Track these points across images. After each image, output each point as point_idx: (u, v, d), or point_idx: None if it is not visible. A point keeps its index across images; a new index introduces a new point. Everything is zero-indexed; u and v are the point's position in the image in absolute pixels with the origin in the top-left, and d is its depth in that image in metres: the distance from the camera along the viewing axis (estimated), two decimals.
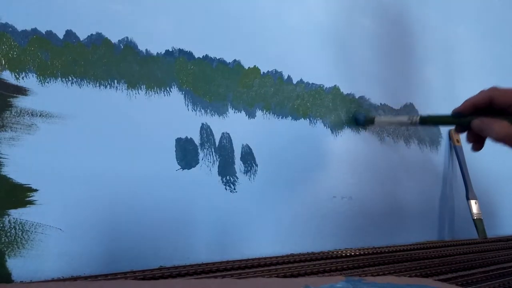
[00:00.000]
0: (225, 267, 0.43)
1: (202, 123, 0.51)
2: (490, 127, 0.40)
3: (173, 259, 0.46)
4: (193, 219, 0.49)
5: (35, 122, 0.40)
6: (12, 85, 0.40)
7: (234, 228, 0.52)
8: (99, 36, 0.45)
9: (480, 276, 0.48)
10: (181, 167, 0.49)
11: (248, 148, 0.54)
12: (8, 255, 0.38)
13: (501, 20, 1.01)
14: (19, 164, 0.39)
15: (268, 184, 0.55)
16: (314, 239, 0.58)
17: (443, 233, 0.77)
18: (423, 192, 0.75)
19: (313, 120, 0.62)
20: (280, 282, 0.37)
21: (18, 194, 0.39)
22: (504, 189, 0.90)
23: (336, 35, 0.67)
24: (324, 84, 0.64)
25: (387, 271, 0.46)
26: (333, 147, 0.63)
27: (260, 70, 0.57)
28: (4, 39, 0.40)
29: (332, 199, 0.61)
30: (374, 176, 0.67)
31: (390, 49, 0.75)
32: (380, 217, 0.67)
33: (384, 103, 0.71)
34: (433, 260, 0.53)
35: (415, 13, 0.81)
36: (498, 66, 0.96)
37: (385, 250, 0.56)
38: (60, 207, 0.41)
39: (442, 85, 0.83)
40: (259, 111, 0.56)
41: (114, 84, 0.46)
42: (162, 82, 0.49)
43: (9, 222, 0.38)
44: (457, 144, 0.81)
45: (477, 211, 0.76)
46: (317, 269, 0.45)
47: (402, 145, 0.73)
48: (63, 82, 0.43)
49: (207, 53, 0.53)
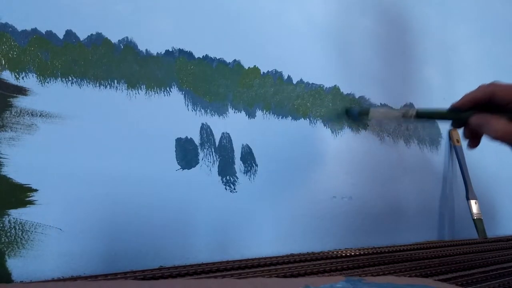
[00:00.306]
0: (225, 267, 0.43)
1: (202, 123, 0.51)
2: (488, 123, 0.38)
3: (173, 259, 0.46)
4: (193, 219, 0.49)
5: (35, 122, 0.40)
6: (12, 85, 0.40)
7: (234, 228, 0.52)
8: (99, 36, 0.45)
9: (480, 276, 0.48)
10: (181, 167, 0.49)
11: (248, 148, 0.54)
12: (8, 255, 0.38)
13: (500, 20, 1.01)
14: (19, 164, 0.39)
15: (268, 184, 0.55)
16: (314, 239, 0.58)
17: (443, 233, 0.77)
18: (423, 192, 0.75)
19: (313, 120, 0.62)
20: (280, 282, 0.37)
21: (18, 194, 0.39)
22: (504, 189, 0.90)
23: (336, 35, 0.67)
24: (324, 84, 0.64)
25: (387, 271, 0.46)
26: (333, 147, 0.63)
27: (260, 70, 0.57)
28: (4, 39, 0.40)
29: (332, 199, 0.61)
30: (374, 176, 0.67)
31: (390, 49, 0.75)
32: (380, 217, 0.67)
33: (384, 103, 0.71)
34: (433, 260, 0.53)
35: (415, 13, 0.81)
36: (498, 66, 0.96)
37: (385, 250, 0.56)
38: (60, 207, 0.41)
39: (442, 85, 0.83)
40: (259, 111, 0.56)
41: (114, 84, 0.46)
42: (162, 82, 0.49)
43: (9, 222, 0.38)
44: (457, 144, 0.81)
45: (477, 211, 0.76)
46: (317, 269, 0.45)
47: (402, 145, 0.73)
48: (63, 82, 0.43)
49: (207, 53, 0.53)
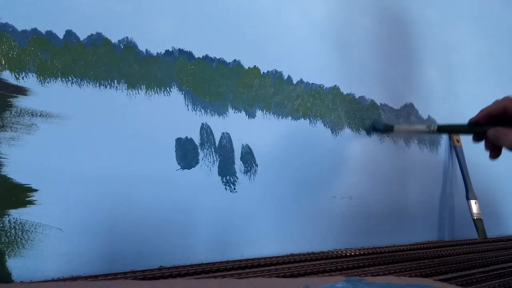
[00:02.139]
0: (225, 267, 0.43)
1: (202, 123, 0.51)
2: (504, 136, 0.41)
3: (173, 259, 0.46)
4: (193, 219, 0.49)
5: (35, 122, 0.40)
6: (12, 85, 0.40)
7: (234, 228, 0.52)
8: (99, 36, 0.45)
9: (480, 276, 0.48)
10: (181, 167, 0.49)
11: (248, 148, 0.54)
12: (8, 255, 0.38)
13: (501, 21, 1.01)
14: (19, 164, 0.39)
15: (268, 184, 0.55)
16: (314, 239, 0.58)
17: (443, 233, 0.77)
18: (423, 192, 0.75)
19: (313, 120, 0.62)
20: (280, 282, 0.37)
21: (18, 194, 0.39)
22: (504, 189, 0.90)
23: (336, 35, 0.67)
24: (324, 84, 0.64)
25: (387, 271, 0.46)
26: (333, 147, 0.63)
27: (260, 70, 0.57)
28: (4, 39, 0.40)
29: (332, 199, 0.61)
30: (374, 176, 0.67)
31: (390, 49, 0.75)
32: (380, 217, 0.67)
33: (384, 103, 0.71)
34: (433, 260, 0.53)
35: (415, 13, 0.81)
36: (498, 66, 0.96)
37: (385, 250, 0.56)
38: (60, 207, 0.41)
39: (442, 85, 0.83)
40: (259, 111, 0.56)
41: (114, 84, 0.46)
42: (162, 82, 0.49)
43: (9, 222, 0.38)
44: (457, 144, 0.81)
45: (477, 211, 0.76)
46: (317, 269, 0.45)
47: (402, 145, 0.73)
48: (63, 82, 0.43)
49: (207, 53, 0.53)
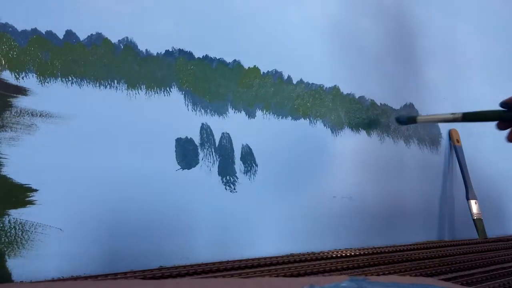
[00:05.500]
0: (225, 267, 0.43)
1: (202, 123, 0.51)
2: None
3: (173, 259, 0.46)
4: (193, 219, 0.49)
5: (35, 122, 0.40)
6: (12, 85, 0.40)
7: (234, 228, 0.52)
8: (99, 36, 0.45)
9: (480, 276, 0.48)
10: (181, 167, 0.49)
11: (248, 148, 0.54)
12: (8, 255, 0.38)
13: (503, 20, 1.01)
14: (19, 164, 0.39)
15: (268, 184, 0.55)
16: (314, 239, 0.58)
17: (443, 233, 0.77)
18: (423, 192, 0.75)
19: (313, 120, 0.62)
20: (285, 281, 0.37)
21: (18, 194, 0.39)
22: (504, 189, 0.90)
23: (336, 35, 0.67)
24: (324, 84, 0.64)
25: (388, 271, 0.46)
26: (333, 147, 0.63)
27: (260, 70, 0.57)
28: (4, 39, 0.40)
29: (332, 199, 0.61)
30: (374, 176, 0.67)
31: (390, 49, 0.75)
32: (380, 217, 0.67)
33: (384, 103, 0.71)
34: (433, 260, 0.53)
35: (416, 13, 0.81)
36: (500, 66, 0.96)
37: (385, 250, 0.56)
38: (60, 207, 0.41)
39: (442, 85, 0.83)
40: (259, 111, 0.56)
41: (114, 84, 0.46)
42: (162, 82, 0.49)
43: (9, 222, 0.38)
44: (457, 144, 0.81)
45: (477, 211, 0.76)
46: (317, 269, 0.45)
47: (402, 145, 0.73)
48: (63, 82, 0.43)
49: (207, 53, 0.53)
